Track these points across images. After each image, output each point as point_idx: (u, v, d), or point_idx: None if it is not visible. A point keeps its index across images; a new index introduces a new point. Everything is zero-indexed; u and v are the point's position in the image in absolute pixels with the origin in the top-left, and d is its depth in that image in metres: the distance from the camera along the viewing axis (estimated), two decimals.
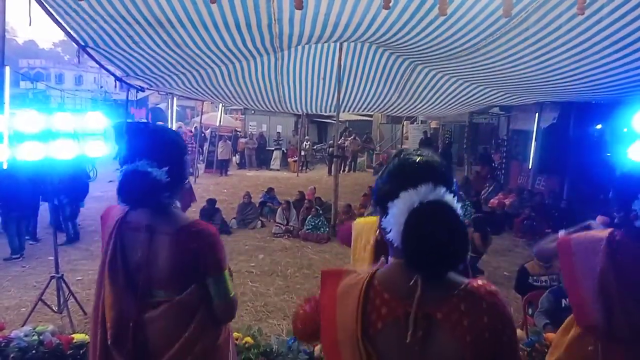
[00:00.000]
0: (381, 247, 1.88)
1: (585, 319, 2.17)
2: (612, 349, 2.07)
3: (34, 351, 3.53)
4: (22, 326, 4.00)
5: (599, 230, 2.22)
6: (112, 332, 1.84)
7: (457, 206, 1.25)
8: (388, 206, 1.29)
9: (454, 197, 1.26)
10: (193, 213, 8.16)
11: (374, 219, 2.09)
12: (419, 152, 1.38)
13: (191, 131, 19.51)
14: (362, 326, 1.26)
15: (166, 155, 1.87)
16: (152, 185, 1.80)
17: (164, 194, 1.86)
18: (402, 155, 1.41)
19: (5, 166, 4.34)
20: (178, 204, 2.02)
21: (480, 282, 1.30)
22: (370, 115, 20.98)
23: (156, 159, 1.83)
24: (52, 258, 5.00)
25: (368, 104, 10.81)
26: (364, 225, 2.31)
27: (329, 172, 14.79)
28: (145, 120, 12.51)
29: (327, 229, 8.43)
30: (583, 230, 2.29)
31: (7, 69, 5.00)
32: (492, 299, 1.25)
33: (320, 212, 8.85)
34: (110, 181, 9.91)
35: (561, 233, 2.38)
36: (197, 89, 9.37)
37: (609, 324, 2.05)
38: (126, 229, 1.91)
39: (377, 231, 2.04)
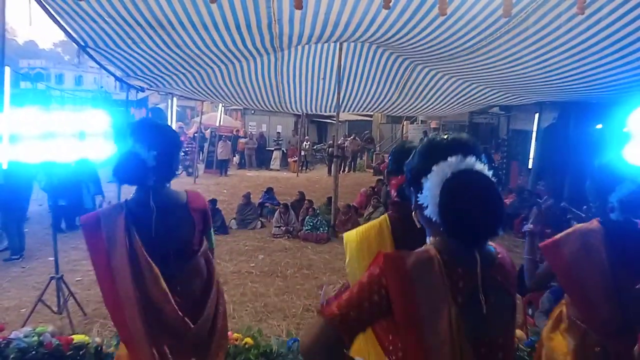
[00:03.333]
0: (400, 241, 1.86)
1: (595, 316, 2.11)
2: (618, 345, 2.03)
3: (33, 352, 3.52)
4: (22, 327, 3.99)
5: (583, 224, 2.20)
6: (170, 305, 2.12)
7: (489, 173, 1.31)
8: (422, 182, 1.35)
9: (484, 165, 1.32)
10: None
11: (374, 223, 1.97)
12: (445, 133, 1.46)
13: (192, 136, 19.45)
14: (454, 302, 1.28)
15: (156, 142, 2.15)
16: (138, 164, 2.09)
17: (150, 177, 2.13)
18: (429, 137, 1.51)
19: (5, 166, 4.34)
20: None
21: (497, 246, 1.43)
22: (370, 115, 20.98)
23: (147, 144, 2.11)
24: (52, 259, 5.00)
25: (368, 104, 10.81)
26: (369, 232, 1.99)
27: (329, 172, 14.80)
28: (144, 111, 12.53)
29: (327, 229, 8.42)
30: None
31: (7, 69, 5.00)
32: (509, 257, 1.44)
33: (318, 212, 8.85)
34: (110, 181, 9.91)
35: (528, 227, 2.49)
36: (197, 89, 9.36)
37: (622, 317, 2.00)
38: (134, 216, 2.16)
39: (390, 227, 1.94)
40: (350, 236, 1.98)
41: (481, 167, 1.31)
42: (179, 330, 2.18)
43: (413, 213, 1.51)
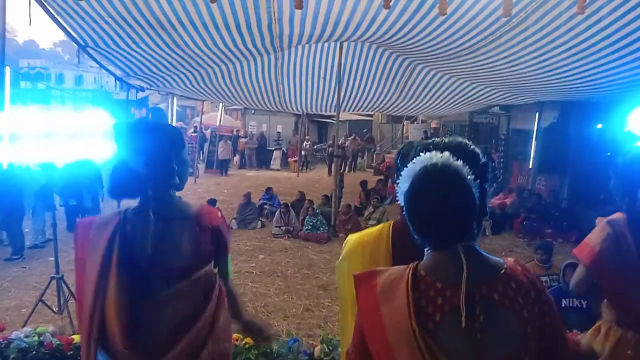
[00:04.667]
0: (400, 250, 1.67)
1: (630, 307, 2.08)
2: None
3: (34, 352, 3.53)
4: (23, 327, 4.00)
5: (608, 217, 2.16)
6: (122, 332, 1.79)
7: (464, 170, 1.19)
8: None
9: (469, 169, 1.20)
10: None
11: (376, 229, 1.83)
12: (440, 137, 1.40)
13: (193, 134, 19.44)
14: (419, 321, 1.15)
15: (144, 145, 1.87)
16: (130, 176, 1.83)
17: (146, 185, 1.86)
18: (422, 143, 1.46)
19: (5, 166, 4.34)
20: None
21: (510, 260, 1.28)
22: (371, 115, 20.97)
23: (134, 149, 1.86)
24: (53, 259, 5.00)
25: (368, 103, 10.81)
26: (366, 237, 1.83)
27: (329, 172, 14.80)
28: (144, 111, 12.52)
29: (327, 229, 8.42)
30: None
31: (8, 69, 5.00)
32: (530, 275, 1.25)
33: (317, 211, 8.84)
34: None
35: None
36: (197, 89, 9.37)
37: None
38: (130, 227, 1.89)
39: (390, 234, 1.75)
40: (351, 237, 1.86)
41: (457, 164, 1.20)
42: None
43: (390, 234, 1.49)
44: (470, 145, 1.38)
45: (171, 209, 1.93)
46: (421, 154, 1.25)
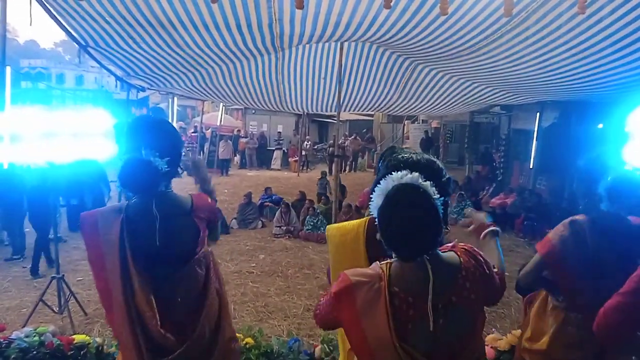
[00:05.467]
0: (373, 248, 1.82)
1: (576, 301, 2.30)
2: (587, 320, 2.15)
3: (34, 352, 3.53)
4: (23, 327, 4.00)
5: (571, 217, 2.35)
6: (154, 315, 2.00)
7: (431, 190, 1.36)
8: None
9: (436, 186, 1.38)
10: None
11: (353, 227, 1.95)
12: (410, 151, 1.58)
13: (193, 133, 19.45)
14: (397, 333, 1.38)
15: (167, 147, 2.04)
16: (154, 173, 1.97)
17: (162, 183, 2.04)
18: (393, 155, 1.63)
19: (5, 166, 4.34)
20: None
21: (461, 249, 1.49)
22: (371, 115, 20.97)
23: (158, 149, 1.99)
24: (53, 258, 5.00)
25: (369, 103, 10.80)
26: (346, 236, 1.97)
27: (330, 172, 14.79)
28: (145, 111, 12.53)
29: None
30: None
31: (8, 69, 5.00)
32: (473, 256, 1.48)
33: (318, 211, 8.84)
34: (112, 181, 9.91)
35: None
36: (198, 89, 9.36)
37: (601, 303, 2.10)
38: (135, 222, 2.05)
39: (365, 230, 1.92)
40: (331, 232, 1.99)
41: (423, 183, 1.36)
42: (167, 348, 2.03)
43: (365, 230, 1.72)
44: (436, 163, 1.55)
45: (171, 204, 2.12)
46: (393, 172, 1.39)
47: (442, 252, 1.46)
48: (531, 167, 11.25)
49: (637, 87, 5.54)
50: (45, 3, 4.66)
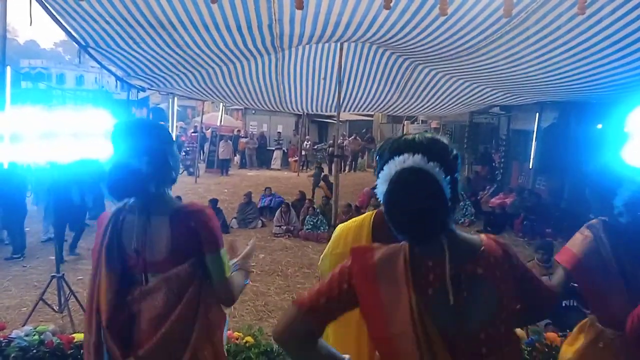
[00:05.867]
0: (379, 235, 1.84)
1: (610, 312, 2.15)
2: (620, 339, 2.07)
3: (34, 351, 3.53)
4: (23, 326, 4.00)
5: (587, 223, 2.24)
6: (106, 316, 1.89)
7: (437, 171, 1.28)
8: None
9: (442, 166, 1.30)
10: None
11: (359, 218, 2.00)
12: (410, 134, 1.47)
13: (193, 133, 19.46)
14: (416, 291, 1.29)
15: (145, 144, 1.91)
16: (133, 175, 1.86)
17: (150, 184, 1.90)
18: (394, 138, 1.53)
19: (6, 166, 4.35)
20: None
21: (483, 236, 1.43)
22: (371, 115, 20.98)
23: (136, 150, 1.89)
24: (53, 257, 5.02)
25: (369, 103, 10.80)
26: (349, 225, 2.05)
27: (329, 172, 14.80)
28: (145, 111, 12.52)
29: (327, 228, 8.43)
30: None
31: (9, 69, 5.02)
32: (502, 245, 1.42)
33: (318, 211, 8.85)
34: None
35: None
36: (198, 89, 9.37)
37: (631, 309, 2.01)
38: (121, 220, 1.98)
39: (371, 220, 1.93)
40: (337, 227, 2.02)
41: (429, 165, 1.29)
42: (113, 354, 1.90)
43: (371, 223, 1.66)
44: (440, 140, 1.44)
45: (159, 206, 1.96)
46: (395, 157, 1.34)
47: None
48: (530, 167, 11.26)
49: (636, 88, 5.55)
50: (45, 3, 4.66)
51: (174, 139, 2.29)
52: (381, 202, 1.36)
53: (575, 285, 2.28)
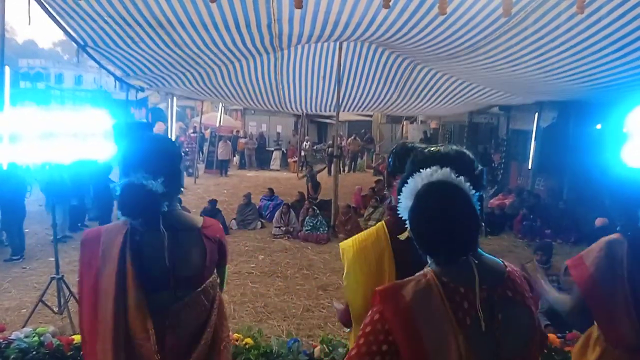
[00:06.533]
0: (399, 251, 1.65)
1: (615, 332, 2.10)
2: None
3: (34, 352, 3.53)
4: (23, 327, 4.00)
5: (608, 237, 2.15)
6: (151, 341, 1.84)
7: (465, 185, 1.22)
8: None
9: (469, 180, 1.23)
10: (194, 214, 8.16)
11: (371, 232, 1.79)
12: (434, 145, 1.41)
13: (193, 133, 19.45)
14: (460, 328, 1.19)
15: (161, 166, 1.91)
16: (149, 197, 1.85)
17: (162, 203, 1.91)
18: (417, 149, 1.46)
19: (5, 167, 4.33)
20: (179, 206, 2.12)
21: (501, 259, 1.36)
22: (370, 115, 20.97)
23: (151, 171, 1.87)
24: (53, 259, 5.00)
25: (368, 103, 10.81)
26: (365, 241, 1.76)
27: (329, 172, 14.79)
28: (145, 120, 12.43)
29: (327, 229, 8.42)
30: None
31: (7, 69, 5.00)
32: (521, 274, 1.35)
33: (318, 212, 8.85)
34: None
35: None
36: (197, 89, 9.37)
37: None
38: (140, 238, 1.92)
39: (386, 232, 1.72)
40: (347, 245, 1.78)
41: (456, 179, 1.22)
42: None
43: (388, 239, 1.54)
44: (466, 154, 1.39)
45: (179, 222, 2.00)
46: (421, 169, 1.26)
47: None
48: (530, 167, 11.25)
49: (635, 87, 5.55)
50: (44, 3, 4.66)
51: (174, 139, 2.27)
52: (404, 218, 1.27)
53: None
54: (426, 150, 1.39)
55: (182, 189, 2.05)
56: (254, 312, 5.18)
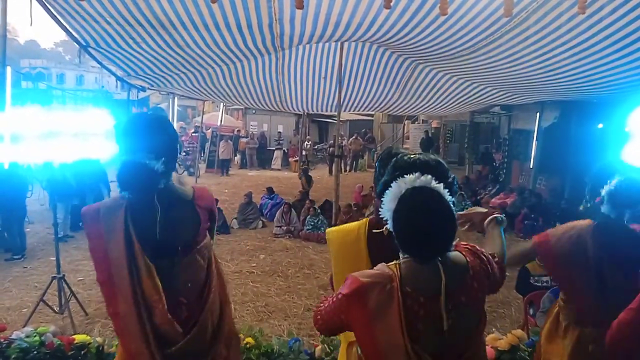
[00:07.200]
0: (374, 248, 1.83)
1: (580, 305, 2.27)
2: (603, 336, 2.06)
3: (35, 352, 3.53)
4: (24, 327, 4.00)
5: (576, 221, 2.34)
6: (164, 302, 2.01)
7: (444, 192, 1.37)
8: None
9: (445, 187, 1.38)
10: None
11: (353, 228, 1.93)
12: (414, 152, 1.57)
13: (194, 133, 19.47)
14: (409, 335, 1.37)
15: (163, 146, 2.05)
16: (150, 175, 1.98)
17: (161, 181, 2.04)
18: (398, 155, 1.60)
19: (6, 166, 4.34)
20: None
21: (463, 248, 1.50)
22: (372, 115, 20.96)
23: (154, 150, 2.00)
24: (54, 258, 5.01)
25: (369, 103, 10.80)
26: (346, 237, 1.94)
27: (330, 172, 14.80)
28: (145, 110, 12.49)
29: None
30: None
31: (9, 69, 5.01)
32: (479, 258, 1.48)
33: (319, 211, 8.85)
34: (112, 181, 9.93)
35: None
36: (198, 89, 9.37)
37: (604, 309, 2.09)
38: (137, 212, 2.06)
39: (366, 230, 1.88)
40: (332, 235, 1.98)
41: (436, 185, 1.36)
42: (171, 337, 2.04)
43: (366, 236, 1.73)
44: (443, 163, 1.55)
45: (171, 195, 2.13)
46: (404, 175, 1.40)
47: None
48: (531, 167, 11.24)
49: (637, 87, 5.54)
50: (46, 3, 4.66)
51: None
52: (386, 219, 1.40)
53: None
54: (407, 157, 1.53)
55: (177, 167, 2.15)
56: (255, 311, 5.19)
